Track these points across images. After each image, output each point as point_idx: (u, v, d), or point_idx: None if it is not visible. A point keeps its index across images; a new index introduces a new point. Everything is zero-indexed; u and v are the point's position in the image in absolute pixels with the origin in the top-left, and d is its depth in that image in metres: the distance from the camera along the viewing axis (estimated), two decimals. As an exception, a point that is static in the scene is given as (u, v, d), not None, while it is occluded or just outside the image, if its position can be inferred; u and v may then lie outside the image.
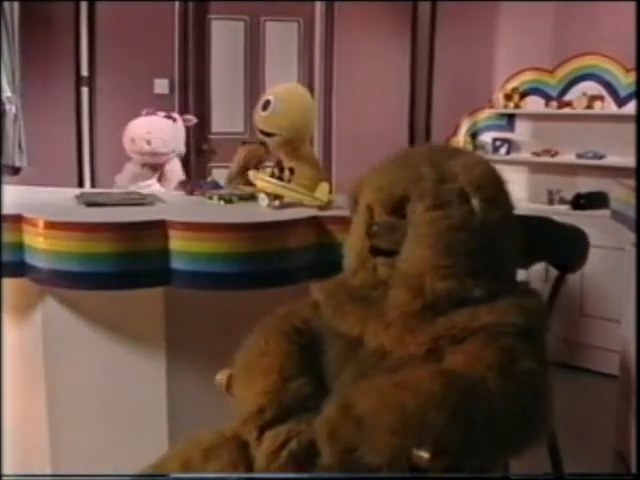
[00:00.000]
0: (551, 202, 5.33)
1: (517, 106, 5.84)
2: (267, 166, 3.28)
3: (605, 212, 4.72)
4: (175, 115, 4.93)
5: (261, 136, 3.19)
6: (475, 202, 2.02)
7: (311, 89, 6.28)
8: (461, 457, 1.77)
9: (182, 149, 4.91)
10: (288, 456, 1.95)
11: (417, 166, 2.10)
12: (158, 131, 4.69)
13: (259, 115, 3.13)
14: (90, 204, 2.99)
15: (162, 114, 4.81)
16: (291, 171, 3.06)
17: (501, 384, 1.81)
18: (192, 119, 5.06)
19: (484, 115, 6.11)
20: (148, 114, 4.80)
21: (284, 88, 3.33)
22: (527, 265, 2.39)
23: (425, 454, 1.72)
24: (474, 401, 1.78)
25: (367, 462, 1.78)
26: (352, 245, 2.22)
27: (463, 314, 1.97)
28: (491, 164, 2.14)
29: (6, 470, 2.86)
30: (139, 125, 4.72)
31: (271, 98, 3.13)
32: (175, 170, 4.73)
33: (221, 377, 2.25)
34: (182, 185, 3.64)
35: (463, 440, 1.75)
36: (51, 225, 2.59)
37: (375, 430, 1.77)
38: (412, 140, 6.55)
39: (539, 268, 3.06)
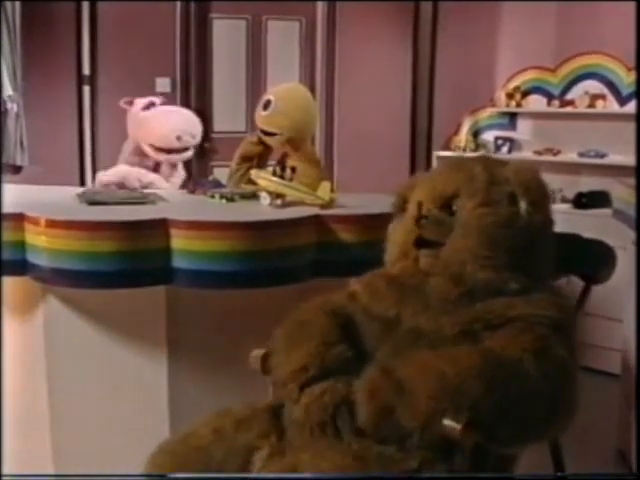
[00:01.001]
0: (553, 201, 5.29)
1: (519, 105, 5.83)
2: (269, 165, 3.29)
3: (607, 211, 4.71)
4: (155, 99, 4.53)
5: (262, 136, 3.20)
6: (522, 205, 2.16)
7: (312, 88, 6.28)
8: (491, 433, 1.85)
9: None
10: (319, 409, 2.02)
11: (470, 169, 2.26)
12: (191, 124, 4.35)
13: (260, 115, 3.14)
14: (92, 203, 2.99)
15: (158, 100, 4.47)
16: (293, 170, 3.06)
17: (536, 366, 1.91)
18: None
19: (486, 114, 6.11)
20: (164, 104, 4.46)
21: (285, 88, 3.35)
22: (556, 278, 2.46)
23: (458, 425, 1.79)
24: (510, 378, 1.88)
25: (402, 424, 1.86)
26: (396, 239, 2.32)
27: (499, 303, 2.08)
28: (539, 171, 2.30)
29: (6, 470, 2.86)
30: (176, 117, 4.33)
31: (272, 98, 3.14)
32: (182, 175, 4.58)
33: (257, 353, 2.29)
34: (186, 184, 3.60)
35: (496, 413, 1.84)
36: (53, 224, 2.60)
37: (413, 393, 1.86)
38: (413, 139, 6.55)
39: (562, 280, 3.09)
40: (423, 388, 1.85)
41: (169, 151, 4.22)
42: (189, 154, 4.33)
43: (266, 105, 3.16)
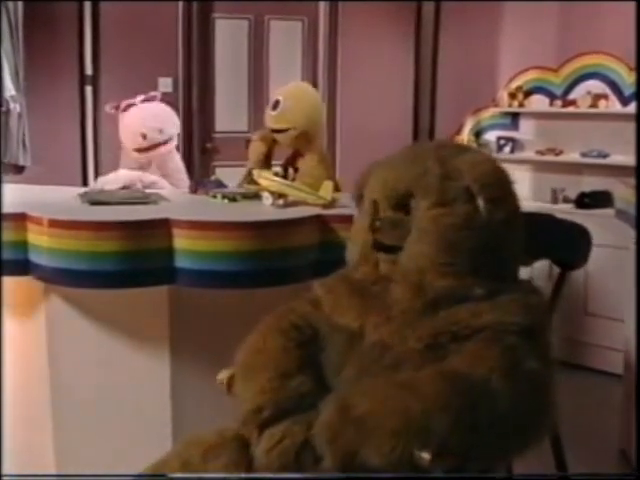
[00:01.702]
0: (555, 201, 5.33)
1: (521, 105, 5.83)
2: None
3: (609, 211, 4.71)
4: (155, 93, 4.49)
5: (275, 135, 3.21)
6: (480, 201, 1.99)
7: (315, 88, 6.28)
8: (464, 458, 1.76)
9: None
10: (281, 455, 1.94)
11: (423, 162, 2.08)
12: (158, 119, 4.28)
13: (270, 115, 3.17)
14: (94, 203, 2.99)
15: (140, 98, 4.36)
16: (295, 170, 3.06)
17: (505, 385, 1.79)
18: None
19: (488, 114, 6.10)
20: (146, 100, 4.35)
21: (291, 86, 3.39)
22: (529, 262, 2.39)
23: (427, 455, 1.70)
24: (478, 403, 1.76)
25: (369, 464, 1.76)
26: (355, 239, 2.22)
27: (464, 311, 1.95)
28: (498, 162, 2.12)
29: (6, 470, 2.86)
30: (139, 115, 4.25)
31: (280, 97, 3.18)
32: (180, 169, 4.53)
33: (222, 377, 2.24)
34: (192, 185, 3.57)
35: (467, 442, 1.74)
36: (55, 223, 2.60)
37: (378, 432, 1.74)
38: (416, 139, 6.55)
39: (543, 267, 3.06)
40: (388, 426, 1.73)
41: (142, 150, 4.19)
42: (165, 149, 4.27)
43: (275, 105, 3.19)
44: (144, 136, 4.13)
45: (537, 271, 3.62)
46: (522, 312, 1.95)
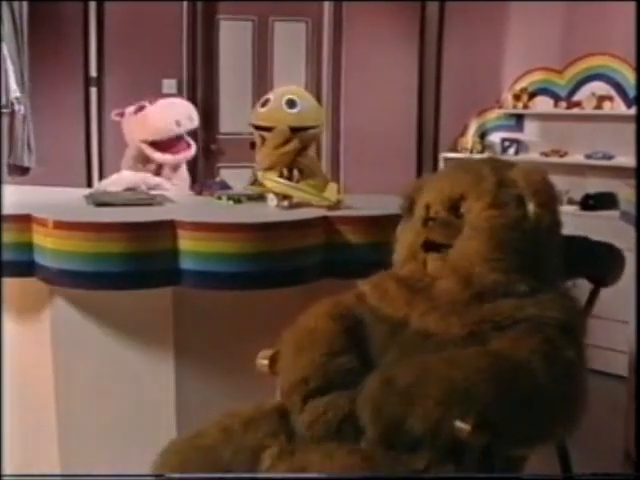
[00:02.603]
0: (560, 203, 5.31)
1: (526, 106, 5.83)
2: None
3: (614, 213, 4.71)
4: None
5: (293, 134, 3.22)
6: (530, 207, 2.17)
7: (319, 90, 6.30)
8: (500, 434, 1.85)
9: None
10: (323, 426, 2.04)
11: (478, 171, 2.26)
12: (187, 109, 4.33)
13: (290, 114, 3.17)
14: (99, 204, 2.99)
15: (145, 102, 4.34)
16: (300, 171, 3.07)
17: (544, 368, 1.92)
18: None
19: (493, 115, 6.10)
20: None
21: (296, 89, 3.42)
22: (564, 280, 2.46)
23: (466, 426, 1.79)
24: (518, 380, 1.89)
25: (411, 432, 1.86)
26: (404, 241, 2.33)
27: (508, 304, 2.09)
28: (546, 173, 2.29)
29: (6, 470, 2.87)
30: (171, 105, 4.29)
31: (294, 97, 3.20)
32: (186, 178, 4.53)
33: (265, 354, 2.30)
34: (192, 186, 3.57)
35: (504, 415, 1.84)
36: (60, 225, 2.60)
37: (421, 400, 1.85)
38: (420, 141, 6.55)
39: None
40: (431, 394, 1.85)
41: (168, 147, 4.18)
42: (186, 155, 4.28)
43: (291, 104, 3.20)
44: (178, 123, 4.14)
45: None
46: (561, 309, 2.09)
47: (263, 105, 3.26)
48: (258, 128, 3.26)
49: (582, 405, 2.01)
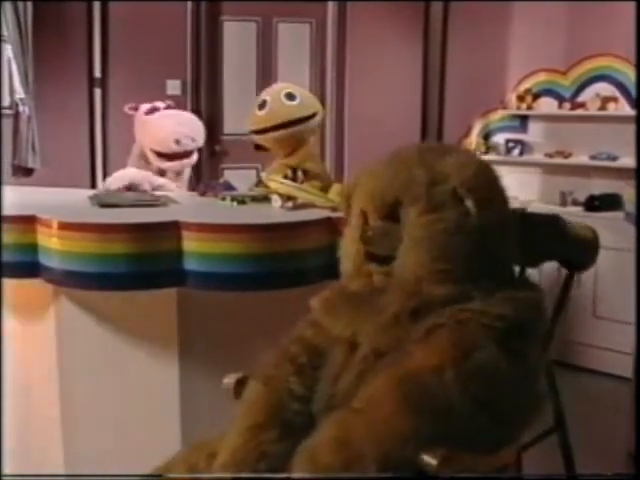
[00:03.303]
0: (564, 204, 5.32)
1: (530, 107, 5.83)
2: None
3: (618, 214, 4.72)
4: (170, 102, 4.51)
5: (294, 128, 3.22)
6: (469, 203, 1.95)
7: (323, 90, 6.30)
8: (460, 459, 1.75)
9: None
10: None
11: (409, 169, 2.05)
12: (191, 127, 4.29)
13: (290, 106, 3.19)
14: (104, 205, 3.00)
15: (162, 105, 4.37)
16: (305, 172, 3.07)
17: (457, 375, 1.78)
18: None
19: (497, 116, 6.10)
20: (169, 107, 4.40)
21: (285, 84, 3.45)
22: (536, 264, 2.37)
23: (433, 460, 1.71)
24: (433, 397, 1.77)
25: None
26: (346, 250, 2.17)
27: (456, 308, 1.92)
28: (484, 162, 2.10)
29: (7, 470, 2.87)
30: (175, 121, 4.24)
31: (292, 91, 3.23)
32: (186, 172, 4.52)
33: (229, 381, 2.24)
34: (191, 182, 3.57)
35: (442, 439, 1.73)
36: (65, 226, 2.60)
37: (357, 466, 1.74)
38: (424, 141, 6.54)
39: (552, 270, 3.06)
40: (362, 454, 1.74)
41: (169, 157, 4.18)
42: (190, 161, 4.29)
43: (290, 97, 3.22)
44: (177, 142, 4.12)
45: (545, 274, 3.62)
46: (513, 306, 1.91)
47: (261, 108, 3.24)
48: (260, 132, 3.26)
49: (514, 405, 1.86)
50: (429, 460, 1.71)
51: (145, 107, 4.29)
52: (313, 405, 2.04)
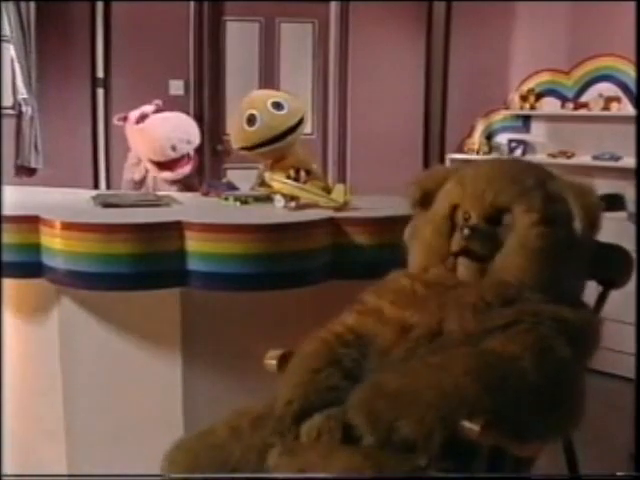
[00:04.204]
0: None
1: (533, 107, 5.82)
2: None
3: (622, 214, 4.70)
4: (158, 102, 4.43)
5: (286, 139, 3.20)
6: (578, 225, 2.12)
7: (325, 90, 6.30)
8: (502, 434, 1.85)
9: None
10: (324, 447, 1.98)
11: (523, 181, 2.19)
12: (184, 129, 4.26)
13: (280, 115, 3.15)
14: (106, 205, 3.00)
15: (151, 109, 4.32)
16: (308, 173, 3.06)
17: (535, 365, 1.91)
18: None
19: (500, 116, 6.10)
20: (158, 110, 4.33)
21: (265, 92, 3.44)
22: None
23: (476, 427, 1.80)
24: (507, 378, 1.88)
25: (406, 436, 1.84)
26: (425, 242, 2.28)
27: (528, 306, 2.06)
28: (596, 191, 2.25)
29: (7, 470, 2.88)
30: (167, 126, 4.19)
31: (278, 99, 3.18)
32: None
33: (273, 354, 2.29)
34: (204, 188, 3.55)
35: (497, 413, 1.83)
36: (68, 226, 2.61)
37: (412, 405, 1.85)
38: (427, 142, 6.55)
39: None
40: (421, 399, 1.85)
41: (168, 164, 4.14)
42: (186, 170, 4.24)
43: (278, 106, 3.18)
44: (173, 148, 4.09)
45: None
46: (568, 310, 2.07)
47: (250, 123, 3.16)
48: (253, 148, 3.22)
49: (577, 405, 2.00)
50: (471, 426, 1.81)
51: (134, 115, 4.21)
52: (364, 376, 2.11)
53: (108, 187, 5.71)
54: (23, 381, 3.06)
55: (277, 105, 3.18)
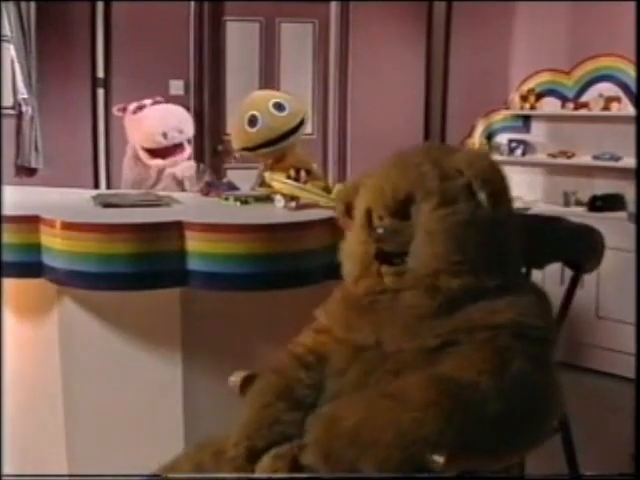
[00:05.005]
0: (567, 204, 5.31)
1: (533, 107, 5.83)
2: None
3: (621, 214, 4.72)
4: (160, 99, 4.53)
5: (288, 140, 3.20)
6: (482, 196, 2.00)
7: (326, 90, 6.30)
8: (470, 460, 1.80)
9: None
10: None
11: (417, 166, 2.09)
12: (177, 119, 4.33)
13: (279, 117, 3.14)
14: (107, 205, 3.00)
15: (149, 101, 4.42)
16: (308, 172, 3.06)
17: (493, 387, 1.82)
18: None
19: (500, 116, 6.10)
20: (156, 103, 4.44)
21: (266, 92, 3.43)
22: (541, 265, 2.39)
23: (440, 459, 1.73)
24: (468, 404, 1.79)
25: (369, 473, 1.78)
26: (351, 252, 2.19)
27: (481, 309, 1.97)
28: (492, 157, 2.14)
29: (7, 470, 2.87)
30: (159, 114, 4.30)
31: (279, 100, 3.18)
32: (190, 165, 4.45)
33: (235, 379, 2.26)
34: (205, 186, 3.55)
35: (462, 443, 1.77)
36: (68, 226, 2.60)
37: (372, 445, 1.78)
38: (427, 141, 6.54)
39: (555, 271, 3.06)
40: (381, 439, 1.77)
41: (160, 152, 4.16)
42: (179, 159, 4.24)
43: (279, 107, 3.17)
44: (165, 135, 4.11)
45: (549, 275, 3.62)
46: (538, 314, 1.98)
47: (252, 124, 3.16)
48: (254, 149, 3.21)
49: (551, 406, 1.93)
50: (437, 458, 1.74)
51: (132, 106, 4.28)
52: (320, 399, 2.06)
53: (108, 187, 5.71)
54: (23, 381, 3.06)
55: (278, 106, 3.16)
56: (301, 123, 3.21)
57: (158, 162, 4.18)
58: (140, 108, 4.26)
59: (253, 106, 3.18)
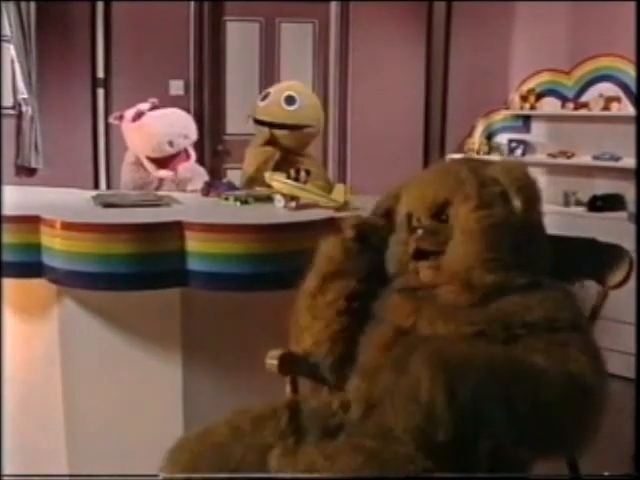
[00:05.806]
0: (567, 204, 5.31)
1: (533, 107, 5.82)
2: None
3: (622, 214, 4.71)
4: (154, 100, 4.36)
5: (286, 132, 3.20)
6: (516, 202, 2.17)
7: (326, 90, 6.30)
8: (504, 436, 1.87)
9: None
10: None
11: (457, 174, 2.26)
12: (181, 125, 4.22)
13: (285, 110, 3.16)
14: (107, 205, 3.00)
15: (146, 107, 4.25)
16: (307, 173, 3.06)
17: (560, 382, 1.92)
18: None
19: (500, 116, 6.10)
20: (153, 108, 4.26)
21: (299, 85, 3.41)
22: (570, 281, 2.46)
23: None
24: (529, 384, 1.87)
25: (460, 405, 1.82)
26: (393, 254, 2.32)
27: (513, 302, 2.09)
28: (527, 167, 2.27)
29: (7, 470, 2.87)
30: (163, 122, 4.13)
31: (294, 94, 3.18)
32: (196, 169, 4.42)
33: (274, 354, 2.29)
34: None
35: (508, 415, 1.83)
36: (68, 226, 2.61)
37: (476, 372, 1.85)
38: (427, 142, 6.55)
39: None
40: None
41: (165, 161, 4.11)
42: (187, 166, 4.21)
43: (290, 101, 3.18)
44: (171, 143, 4.06)
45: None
46: (569, 309, 2.12)
47: (263, 99, 3.25)
48: (258, 122, 3.26)
49: (594, 418, 2.08)
50: None
51: (130, 114, 4.19)
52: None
53: (108, 187, 5.71)
54: (23, 381, 3.06)
55: (290, 99, 3.28)
56: (302, 127, 3.24)
57: (163, 173, 4.11)
58: (139, 115, 4.17)
59: (277, 86, 3.26)
